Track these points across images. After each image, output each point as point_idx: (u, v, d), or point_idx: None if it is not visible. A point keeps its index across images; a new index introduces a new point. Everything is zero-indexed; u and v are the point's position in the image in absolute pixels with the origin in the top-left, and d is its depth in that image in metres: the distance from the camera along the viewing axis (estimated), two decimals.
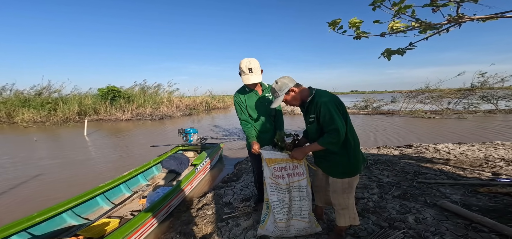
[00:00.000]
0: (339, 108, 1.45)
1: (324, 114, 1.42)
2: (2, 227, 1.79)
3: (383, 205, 2.25)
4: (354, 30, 1.94)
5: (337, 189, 1.57)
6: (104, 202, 2.63)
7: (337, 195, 1.58)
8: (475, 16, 1.62)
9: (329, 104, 1.42)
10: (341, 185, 1.55)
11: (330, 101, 1.44)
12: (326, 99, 1.45)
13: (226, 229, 2.01)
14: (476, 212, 1.97)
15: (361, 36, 1.98)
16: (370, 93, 18.99)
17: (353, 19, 1.91)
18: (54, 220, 2.11)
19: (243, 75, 1.82)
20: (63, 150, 5.99)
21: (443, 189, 2.60)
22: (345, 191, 1.55)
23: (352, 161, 1.51)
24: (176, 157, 3.82)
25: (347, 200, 1.56)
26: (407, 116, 11.22)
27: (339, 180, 1.55)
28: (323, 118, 1.44)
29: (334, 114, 1.40)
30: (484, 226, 1.73)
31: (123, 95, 13.64)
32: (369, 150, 4.79)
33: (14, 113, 11.93)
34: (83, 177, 3.93)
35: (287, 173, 1.72)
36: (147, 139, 7.26)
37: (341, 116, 1.44)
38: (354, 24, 1.93)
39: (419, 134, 7.02)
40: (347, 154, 1.50)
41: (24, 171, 4.27)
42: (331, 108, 1.41)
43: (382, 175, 3.14)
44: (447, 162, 3.65)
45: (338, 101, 1.49)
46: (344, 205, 1.57)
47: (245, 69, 1.79)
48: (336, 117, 1.40)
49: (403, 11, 1.74)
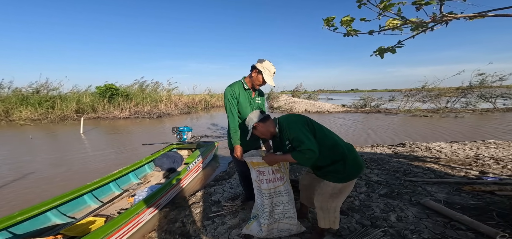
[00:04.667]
0: (308, 127, 1.50)
1: (293, 137, 1.47)
2: None
3: (369, 204, 2.28)
4: (345, 27, 1.96)
5: (325, 192, 1.55)
6: (91, 200, 2.63)
7: (322, 197, 1.56)
8: (459, 15, 1.62)
9: (294, 125, 1.48)
10: (332, 189, 1.53)
11: (294, 122, 1.50)
12: (290, 122, 1.51)
13: (211, 228, 2.03)
14: (458, 210, 2.00)
15: (351, 34, 2.00)
16: (370, 92, 19.00)
17: (345, 17, 1.93)
18: (37, 218, 2.10)
19: (265, 73, 1.88)
20: (58, 147, 6.01)
21: (429, 187, 2.63)
22: (332, 195, 1.53)
23: (348, 167, 1.49)
24: (169, 156, 3.84)
25: (331, 203, 1.55)
26: (405, 115, 11.24)
27: (332, 184, 1.52)
28: (293, 141, 1.48)
29: (302, 133, 1.44)
30: (462, 224, 1.75)
31: (121, 93, 13.64)
32: (363, 148, 4.82)
33: (12, 111, 11.95)
34: (74, 174, 3.95)
35: (266, 178, 1.71)
36: (144, 136, 7.29)
37: (310, 134, 1.47)
38: (345, 22, 1.94)
39: (414, 133, 7.05)
40: (343, 162, 1.49)
41: (15, 168, 4.29)
42: (297, 129, 1.46)
43: (372, 173, 3.17)
44: (437, 161, 3.67)
45: (304, 120, 1.54)
46: (325, 208, 1.56)
47: (270, 69, 1.90)
48: (303, 137, 1.42)
49: (388, 9, 1.76)
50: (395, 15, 1.81)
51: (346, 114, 12.58)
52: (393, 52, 2.16)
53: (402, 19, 1.82)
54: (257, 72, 1.90)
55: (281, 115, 1.63)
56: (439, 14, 1.67)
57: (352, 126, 8.80)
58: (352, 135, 7.02)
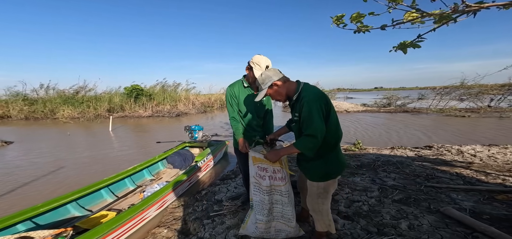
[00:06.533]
0: (323, 109, 1.32)
1: (305, 114, 1.31)
2: (8, 216, 1.96)
3: (379, 209, 2.10)
4: (355, 23, 1.85)
5: (312, 193, 1.50)
6: (107, 194, 2.80)
7: (311, 199, 1.51)
8: (489, 4, 1.39)
9: (312, 103, 1.29)
10: (316, 189, 1.47)
11: (315, 100, 1.30)
12: (311, 97, 1.31)
13: (210, 227, 2.04)
14: (486, 221, 1.73)
15: (362, 30, 1.88)
16: (397, 90, 17.58)
17: (355, 14, 1.83)
18: (58, 210, 2.29)
19: (256, 69, 1.78)
20: (89, 144, 6.61)
21: (455, 194, 2.33)
22: (320, 196, 1.47)
23: (329, 164, 1.41)
24: (181, 153, 3.99)
25: (321, 205, 1.47)
26: (436, 115, 10.22)
27: (315, 184, 1.47)
28: (303, 118, 1.33)
29: (314, 116, 1.27)
30: (487, 236, 1.51)
31: (145, 93, 14.61)
32: (381, 150, 4.47)
33: (56, 110, 13.53)
34: (100, 169, 4.30)
35: (268, 175, 1.69)
36: (163, 134, 7.69)
37: (323, 119, 1.31)
38: (356, 18, 1.84)
39: (445, 134, 6.36)
40: (323, 156, 1.40)
41: (52, 161, 4.82)
42: (313, 108, 1.28)
43: (388, 177, 2.92)
44: (468, 166, 3.25)
45: (325, 100, 1.35)
46: (317, 210, 1.49)
47: (262, 65, 1.77)
48: (315, 120, 1.26)
49: (399, 1, 1.59)
50: (409, 7, 1.64)
51: (366, 114, 11.79)
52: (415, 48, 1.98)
53: (418, 11, 1.64)
54: (249, 69, 1.85)
55: (306, 83, 1.45)
56: (461, 4, 1.45)
57: (370, 125, 8.24)
58: (369, 135, 6.57)
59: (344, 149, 4.61)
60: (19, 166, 4.63)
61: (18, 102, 13.96)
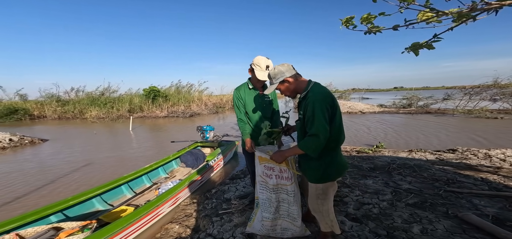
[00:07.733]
0: (328, 111, 1.31)
1: (309, 113, 1.31)
2: (43, 207, 2.17)
3: (390, 213, 2.02)
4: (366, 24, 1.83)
5: (312, 193, 1.51)
6: (127, 190, 2.99)
7: (311, 200, 1.52)
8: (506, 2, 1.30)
9: (317, 103, 1.28)
10: (315, 190, 1.47)
11: (320, 100, 1.29)
12: (317, 97, 1.30)
13: (219, 224, 2.10)
14: (508, 228, 1.60)
15: (373, 31, 1.85)
16: (418, 90, 16.51)
17: (365, 15, 1.81)
18: (85, 204, 2.49)
19: (258, 70, 1.82)
20: (113, 142, 7.07)
21: (477, 200, 2.18)
22: (318, 197, 1.47)
23: (327, 166, 1.40)
24: (193, 153, 4.14)
25: (321, 206, 1.48)
26: (464, 116, 9.47)
27: (313, 185, 1.48)
28: (307, 118, 1.34)
29: (318, 116, 1.26)
30: None
31: (161, 95, 15.29)
32: (397, 152, 4.26)
33: (85, 110, 14.69)
34: (121, 166, 4.59)
35: (275, 174, 1.72)
36: (178, 134, 7.99)
37: (327, 120, 1.30)
38: (366, 19, 1.81)
39: (472, 137, 5.90)
40: (322, 158, 1.39)
41: (81, 159, 5.23)
42: (317, 108, 1.27)
43: (403, 180, 2.79)
44: (496, 171, 3.00)
45: (331, 102, 1.33)
46: (317, 211, 1.51)
47: (262, 66, 1.81)
48: (319, 120, 1.26)
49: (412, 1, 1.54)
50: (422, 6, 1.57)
51: (383, 115, 11.21)
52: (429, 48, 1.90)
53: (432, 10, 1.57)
54: (251, 71, 1.89)
55: (316, 83, 1.44)
56: (480, 2, 1.36)
57: (387, 126, 7.86)
58: (383, 137, 6.29)
59: (357, 151, 4.46)
60: (52, 162, 5.07)
61: (52, 104, 15.36)
